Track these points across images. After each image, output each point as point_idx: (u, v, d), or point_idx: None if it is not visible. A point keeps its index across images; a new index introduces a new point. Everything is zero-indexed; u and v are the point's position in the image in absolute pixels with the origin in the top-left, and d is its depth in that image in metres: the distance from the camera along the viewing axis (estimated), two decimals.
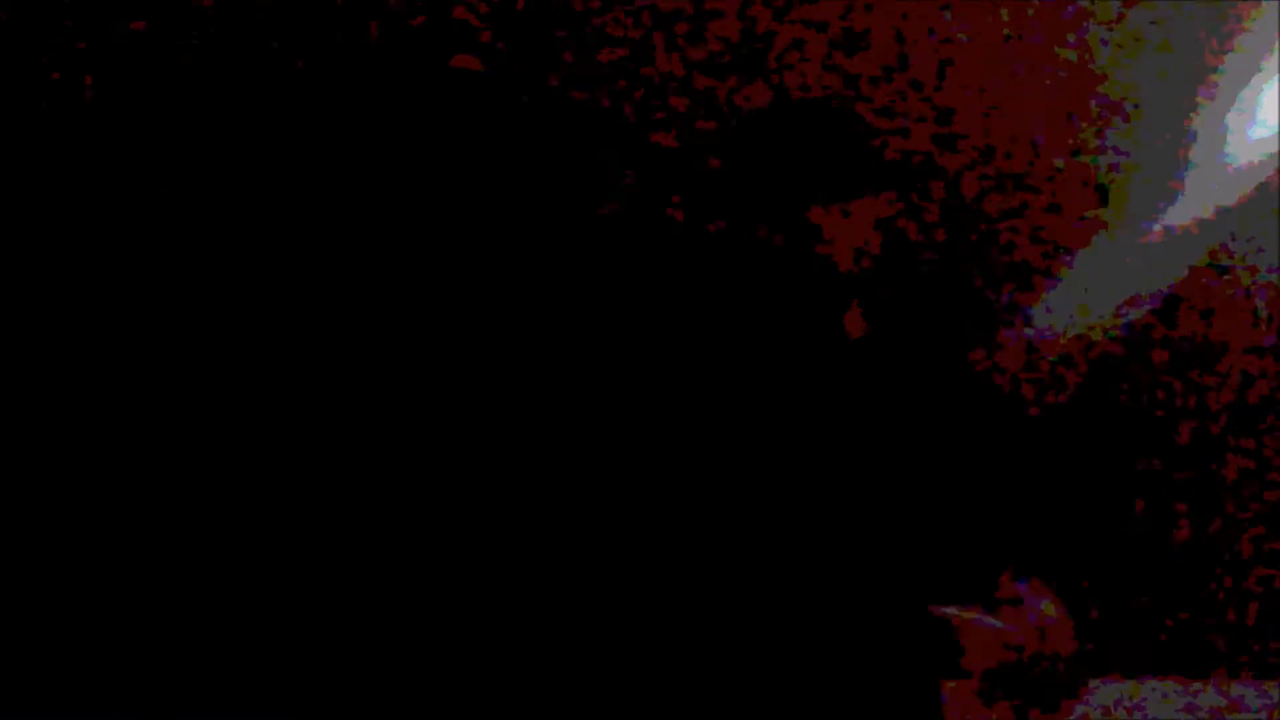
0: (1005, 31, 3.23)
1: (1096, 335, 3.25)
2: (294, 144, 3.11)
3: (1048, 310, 3.23)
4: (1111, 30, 3.24)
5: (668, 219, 3.12)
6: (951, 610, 2.52)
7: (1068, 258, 3.24)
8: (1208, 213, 3.23)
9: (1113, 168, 3.25)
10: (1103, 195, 3.25)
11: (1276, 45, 3.19)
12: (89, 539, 3.01)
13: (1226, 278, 3.26)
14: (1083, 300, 3.24)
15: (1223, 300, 3.26)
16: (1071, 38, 3.23)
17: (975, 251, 3.26)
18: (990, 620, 2.52)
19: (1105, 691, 3.14)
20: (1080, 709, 2.73)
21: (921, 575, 2.58)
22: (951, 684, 2.49)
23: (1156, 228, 3.23)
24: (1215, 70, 3.22)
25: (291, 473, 3.01)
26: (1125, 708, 3.15)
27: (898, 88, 3.22)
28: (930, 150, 3.24)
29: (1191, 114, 3.23)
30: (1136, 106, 3.25)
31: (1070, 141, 3.25)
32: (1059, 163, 3.25)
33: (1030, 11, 3.23)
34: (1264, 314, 3.26)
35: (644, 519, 2.62)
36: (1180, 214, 3.23)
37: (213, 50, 3.12)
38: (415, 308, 3.04)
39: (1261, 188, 3.22)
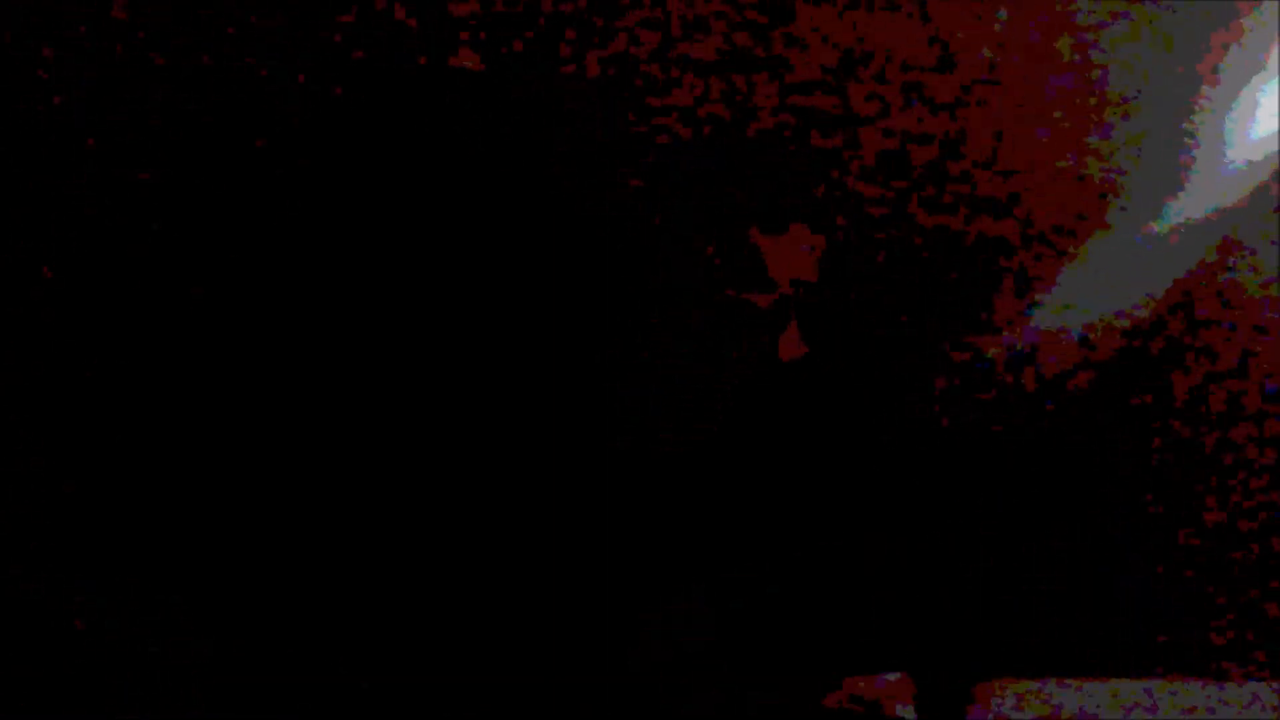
0: (1005, 31, 3.23)
1: (1096, 335, 3.25)
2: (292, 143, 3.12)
3: (1048, 310, 3.23)
4: (1111, 30, 3.24)
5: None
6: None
7: (1067, 258, 3.25)
8: (1208, 213, 3.23)
9: (1112, 168, 3.25)
10: (1105, 195, 3.25)
11: (1276, 45, 3.19)
12: (93, 540, 3.01)
13: (1227, 278, 3.26)
14: (1083, 300, 3.24)
15: (1222, 299, 3.26)
16: (1071, 37, 3.24)
17: (975, 252, 3.26)
18: None
19: (1104, 689, 3.14)
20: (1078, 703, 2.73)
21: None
22: None
23: (1156, 228, 3.24)
24: (1215, 70, 3.22)
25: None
26: (1131, 706, 3.15)
27: (895, 87, 3.23)
28: (929, 151, 3.24)
29: (1191, 114, 3.23)
30: (1137, 106, 3.25)
31: (1070, 141, 3.25)
32: (1059, 163, 3.26)
33: (1029, 11, 3.23)
34: (1264, 314, 3.26)
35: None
36: (1180, 214, 3.23)
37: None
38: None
39: (1261, 188, 3.22)
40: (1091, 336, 3.24)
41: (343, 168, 3.09)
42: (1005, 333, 3.23)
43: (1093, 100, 3.25)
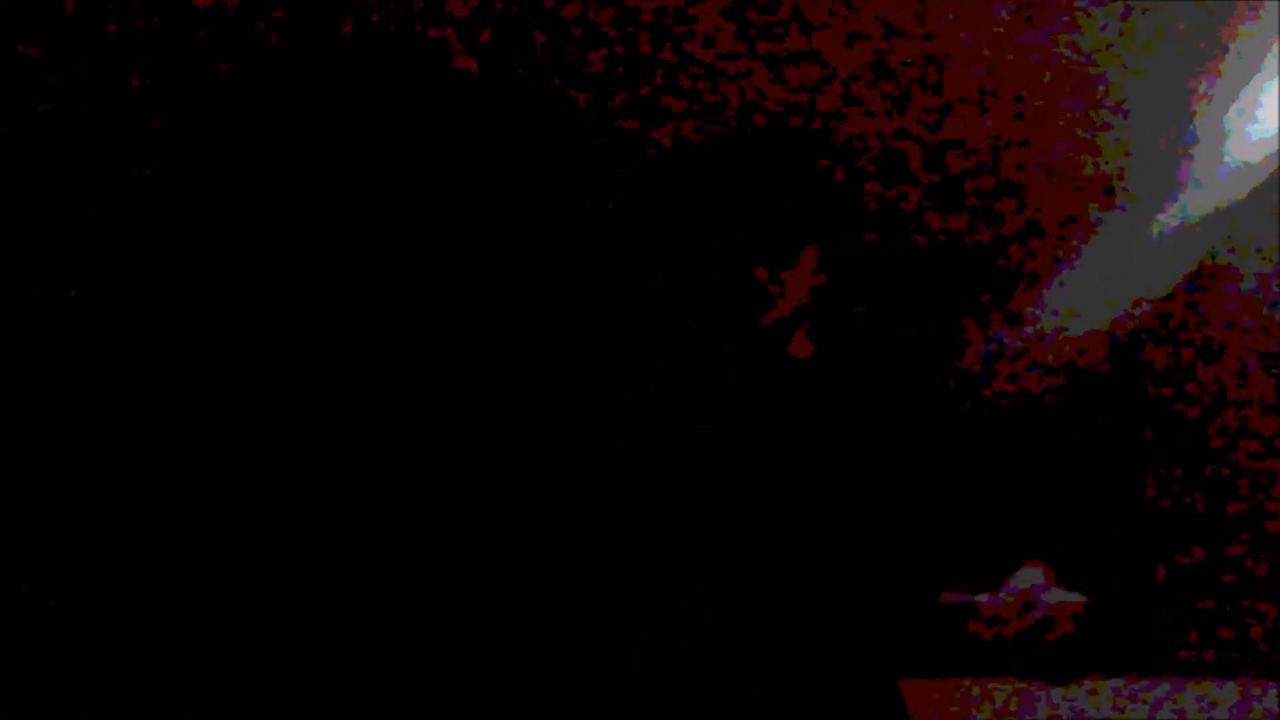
0: (1005, 32, 3.23)
1: (1096, 335, 3.24)
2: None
3: (1048, 310, 3.23)
4: (1112, 30, 3.24)
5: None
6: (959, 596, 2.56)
7: (1068, 258, 3.24)
8: (1208, 213, 3.23)
9: (1112, 168, 3.25)
10: (1105, 195, 3.25)
11: (1276, 45, 3.19)
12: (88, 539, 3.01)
13: (1226, 278, 3.26)
14: (1083, 300, 3.24)
15: (1223, 299, 3.26)
16: (1072, 38, 3.24)
17: (976, 252, 3.26)
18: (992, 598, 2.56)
19: (1103, 689, 3.14)
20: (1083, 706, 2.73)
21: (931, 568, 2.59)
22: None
23: (1156, 228, 3.23)
24: (1215, 70, 3.21)
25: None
26: (1136, 704, 3.15)
27: (893, 89, 3.23)
28: (929, 150, 3.24)
29: (1191, 114, 3.23)
30: (1137, 106, 3.25)
31: (1071, 142, 3.25)
32: (1059, 163, 3.25)
33: (1030, 12, 3.23)
34: (1264, 313, 3.26)
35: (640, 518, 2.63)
36: (1180, 214, 3.23)
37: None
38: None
39: (1261, 188, 3.22)
40: (1091, 336, 3.24)
41: (343, 168, 3.09)
42: (1006, 333, 3.23)
43: (1093, 100, 3.25)
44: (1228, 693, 3.17)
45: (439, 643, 2.91)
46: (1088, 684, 3.14)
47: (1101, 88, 3.25)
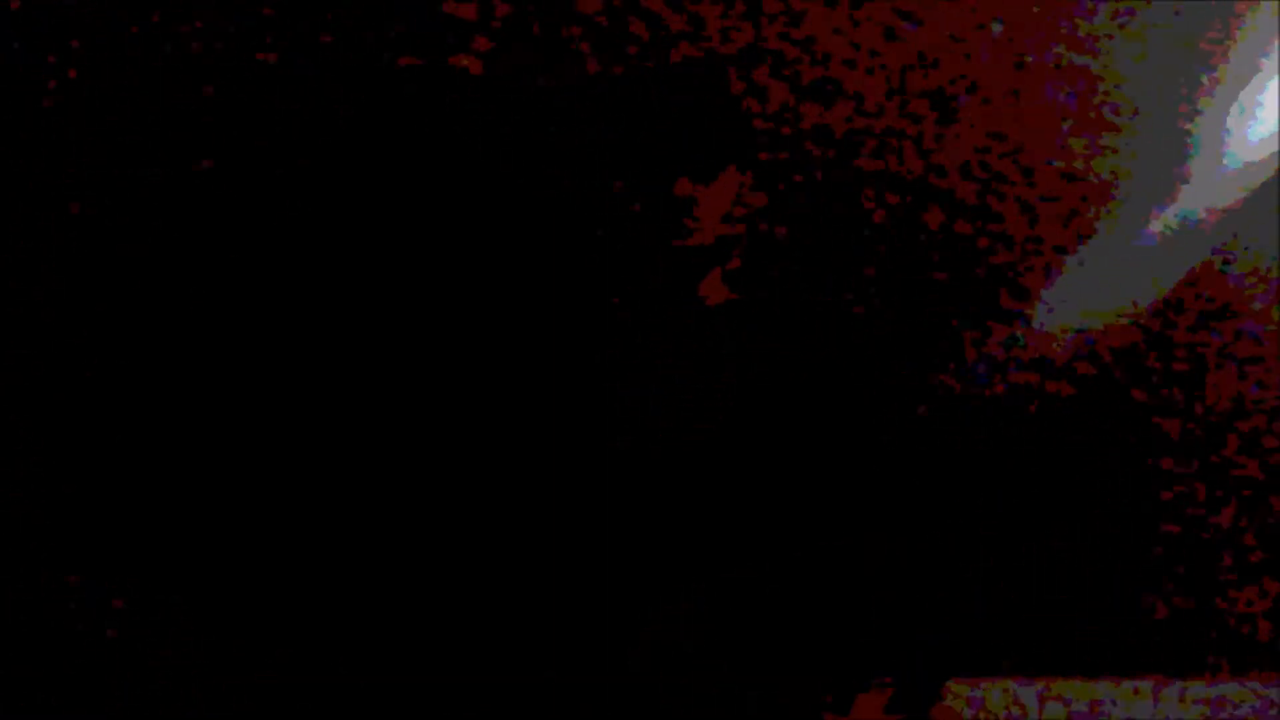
0: (1003, 29, 3.23)
1: (1096, 335, 3.25)
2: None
3: (1048, 310, 3.24)
4: (1111, 30, 3.24)
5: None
6: None
7: (1068, 258, 3.25)
8: (1208, 213, 3.23)
9: (1112, 168, 3.25)
10: (1105, 195, 3.26)
11: (1276, 45, 3.19)
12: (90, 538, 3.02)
13: (1227, 278, 3.26)
14: (1083, 300, 3.24)
15: (1223, 300, 3.26)
16: (1071, 36, 3.24)
17: (976, 251, 3.26)
18: None
19: (1103, 688, 3.14)
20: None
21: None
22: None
23: (1156, 227, 3.24)
24: (1215, 70, 3.22)
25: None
26: (1137, 703, 3.15)
27: (893, 86, 3.23)
28: (928, 149, 3.24)
29: (1191, 114, 3.23)
30: (1136, 107, 3.25)
31: (1070, 141, 3.25)
32: (1059, 163, 3.26)
33: (1030, 10, 3.23)
34: (1264, 315, 3.26)
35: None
36: (1180, 214, 3.23)
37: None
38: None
39: (1261, 188, 3.22)
40: (1091, 336, 3.24)
41: (343, 168, 3.10)
42: (1005, 332, 3.23)
43: (1092, 100, 3.25)
44: (1229, 691, 3.17)
45: (439, 643, 2.91)
46: (1086, 684, 3.14)
47: (1102, 87, 3.25)
